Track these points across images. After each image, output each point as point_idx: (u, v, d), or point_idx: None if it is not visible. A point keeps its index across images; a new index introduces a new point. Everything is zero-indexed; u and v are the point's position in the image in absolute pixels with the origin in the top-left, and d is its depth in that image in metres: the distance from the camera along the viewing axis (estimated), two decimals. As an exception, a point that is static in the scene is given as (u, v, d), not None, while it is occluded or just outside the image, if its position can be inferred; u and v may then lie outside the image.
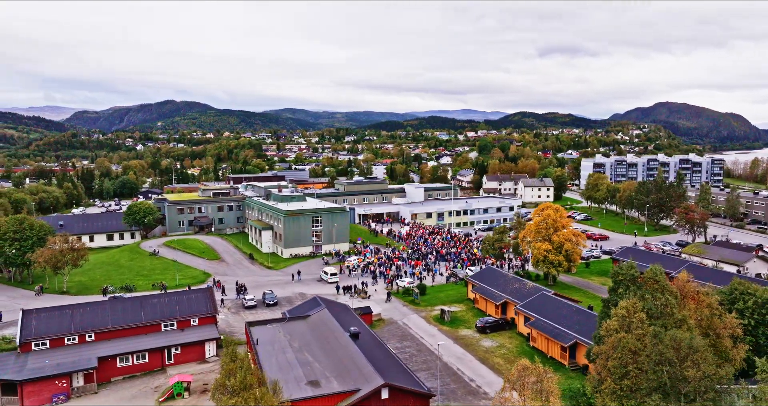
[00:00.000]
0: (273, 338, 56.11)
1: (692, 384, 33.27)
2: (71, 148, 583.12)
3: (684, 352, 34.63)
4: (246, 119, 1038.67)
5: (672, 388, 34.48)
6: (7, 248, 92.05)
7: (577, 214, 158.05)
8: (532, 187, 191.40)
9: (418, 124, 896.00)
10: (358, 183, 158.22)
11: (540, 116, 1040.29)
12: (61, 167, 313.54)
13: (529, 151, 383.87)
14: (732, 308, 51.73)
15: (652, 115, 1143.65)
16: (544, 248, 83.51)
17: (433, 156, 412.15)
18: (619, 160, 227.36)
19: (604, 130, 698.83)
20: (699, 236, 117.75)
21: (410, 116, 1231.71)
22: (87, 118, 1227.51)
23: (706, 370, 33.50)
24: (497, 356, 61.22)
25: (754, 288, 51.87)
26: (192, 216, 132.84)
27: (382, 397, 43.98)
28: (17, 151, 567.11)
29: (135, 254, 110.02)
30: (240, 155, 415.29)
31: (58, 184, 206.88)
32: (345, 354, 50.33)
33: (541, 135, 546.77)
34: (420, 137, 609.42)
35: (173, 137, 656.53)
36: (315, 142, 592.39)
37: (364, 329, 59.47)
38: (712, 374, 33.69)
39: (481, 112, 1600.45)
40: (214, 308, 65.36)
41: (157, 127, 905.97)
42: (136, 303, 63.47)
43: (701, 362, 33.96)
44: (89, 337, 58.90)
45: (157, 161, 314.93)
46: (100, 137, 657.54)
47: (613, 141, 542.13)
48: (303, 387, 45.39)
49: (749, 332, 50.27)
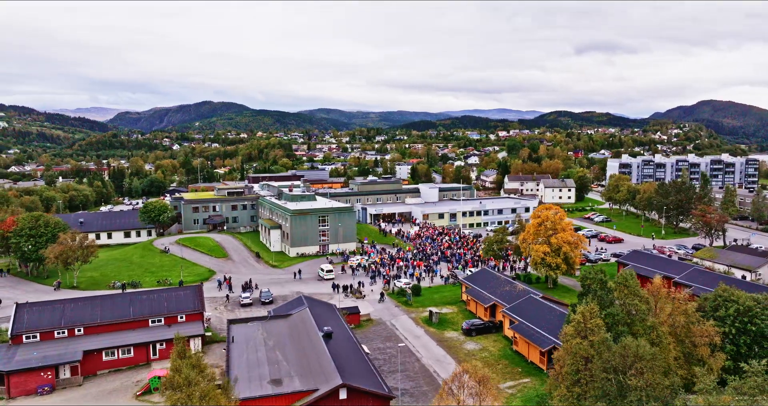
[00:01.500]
0: (249, 336, 56.92)
1: (634, 393, 32.18)
2: (111, 148, 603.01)
3: (630, 360, 33.54)
4: (281, 119, 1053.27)
5: (618, 396, 33.44)
6: (23, 244, 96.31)
7: (596, 215, 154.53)
8: (553, 188, 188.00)
9: (451, 124, 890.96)
10: (372, 183, 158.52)
11: (576, 115, 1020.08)
12: (97, 166, 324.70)
13: (558, 151, 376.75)
14: (714, 315, 49.84)
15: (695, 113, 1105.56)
16: (542, 251, 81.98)
17: (461, 156, 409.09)
18: (646, 160, 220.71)
19: (642, 129, 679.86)
20: (717, 240, 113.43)
21: (444, 116, 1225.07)
22: (129, 118, 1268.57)
23: (650, 379, 32.32)
24: (477, 359, 60.30)
25: (738, 295, 49.80)
26: (207, 214, 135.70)
27: (340, 397, 44.11)
28: (61, 151, 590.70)
29: (147, 251, 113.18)
30: (270, 155, 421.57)
31: (89, 183, 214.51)
32: (314, 354, 50.68)
33: (573, 134, 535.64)
34: (450, 137, 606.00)
35: (208, 137, 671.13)
36: (345, 142, 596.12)
37: (342, 329, 59.74)
38: (657, 383, 32.47)
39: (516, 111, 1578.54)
40: (201, 306, 66.69)
41: (194, 128, 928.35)
42: (125, 299, 65.41)
43: (646, 371, 32.79)
44: (78, 331, 60.96)
45: (188, 161, 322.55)
46: (138, 137, 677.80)
47: (649, 141, 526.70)
48: (264, 385, 45.98)
49: (730, 340, 48.30)
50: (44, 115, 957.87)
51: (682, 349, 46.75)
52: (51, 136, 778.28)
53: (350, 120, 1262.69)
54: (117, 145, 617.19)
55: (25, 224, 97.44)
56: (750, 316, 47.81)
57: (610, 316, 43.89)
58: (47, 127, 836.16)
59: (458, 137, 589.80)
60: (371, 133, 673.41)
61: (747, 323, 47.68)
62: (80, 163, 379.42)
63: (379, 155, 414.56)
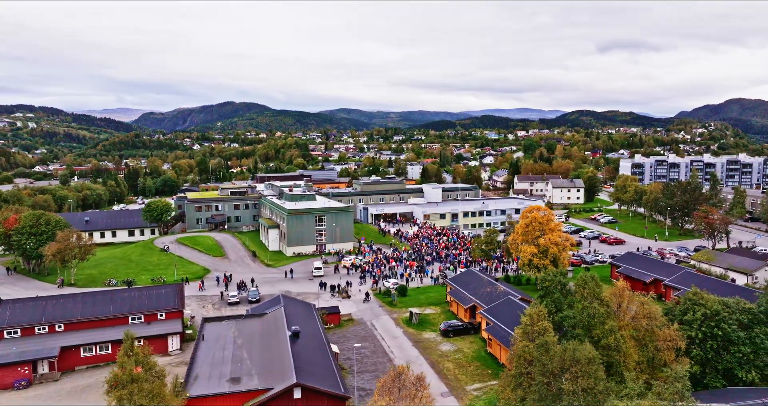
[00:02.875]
0: (220, 335, 57.51)
1: (566, 398, 31.64)
2: (134, 148, 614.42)
3: (567, 363, 32.98)
4: (301, 119, 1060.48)
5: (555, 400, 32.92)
6: (24, 242, 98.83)
7: (603, 216, 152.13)
8: (561, 188, 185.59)
9: (470, 124, 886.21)
10: (375, 183, 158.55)
11: (599, 115, 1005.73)
12: (115, 166, 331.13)
13: (575, 151, 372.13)
14: (682, 319, 48.75)
15: (723, 112, 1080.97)
16: (529, 252, 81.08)
17: (476, 156, 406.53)
18: (659, 160, 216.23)
19: (665, 129, 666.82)
20: (720, 242, 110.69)
21: (464, 116, 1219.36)
22: (153, 119, 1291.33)
23: (584, 383, 31.71)
24: (450, 360, 60.15)
25: (706, 299, 48.57)
26: (209, 214, 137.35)
27: (294, 396, 44.33)
28: (86, 151, 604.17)
29: (146, 250, 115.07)
30: (286, 155, 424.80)
31: (103, 183, 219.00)
32: (277, 353, 50.97)
33: (592, 134, 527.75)
34: (468, 137, 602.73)
35: (228, 137, 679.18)
36: (363, 142, 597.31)
37: (314, 328, 59.97)
38: (590, 388, 31.84)
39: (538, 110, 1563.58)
40: (181, 304, 67.62)
41: (216, 128, 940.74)
42: (106, 297, 66.63)
43: (581, 375, 32.19)
44: (58, 327, 62.32)
45: (204, 160, 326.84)
46: (160, 138, 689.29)
47: (671, 140, 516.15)
48: (222, 383, 46.41)
49: (697, 345, 47.17)
50: (71, 115, 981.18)
51: (645, 353, 45.84)
52: (77, 137, 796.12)
53: (370, 120, 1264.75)
54: (139, 145, 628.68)
55: (26, 222, 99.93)
56: (717, 320, 46.61)
57: (567, 319, 43.21)
58: (74, 127, 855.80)
59: (476, 137, 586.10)
60: (389, 133, 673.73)
61: (714, 327, 46.47)
62: (101, 163, 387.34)
63: (394, 155, 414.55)
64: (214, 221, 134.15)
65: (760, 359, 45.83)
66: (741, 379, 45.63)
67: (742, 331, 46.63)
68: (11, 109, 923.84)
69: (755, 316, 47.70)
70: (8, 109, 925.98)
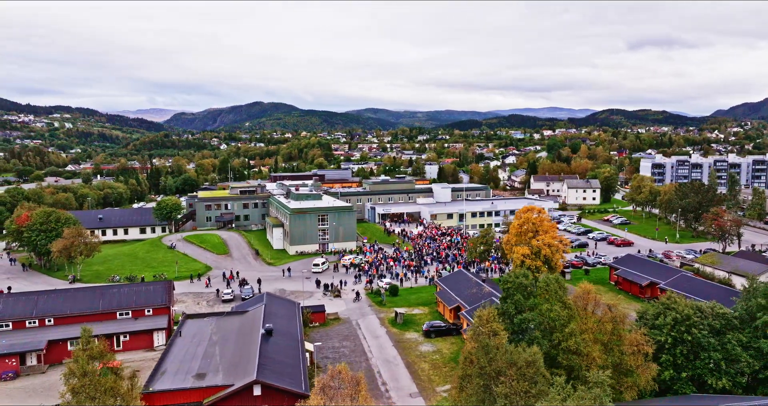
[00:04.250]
0: (198, 331, 58.55)
1: (500, 400, 31.22)
2: (163, 148, 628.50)
3: (503, 366, 32.55)
4: (328, 119, 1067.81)
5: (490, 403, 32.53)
6: (34, 238, 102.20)
7: (616, 217, 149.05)
8: (576, 189, 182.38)
9: (497, 123, 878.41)
10: (384, 183, 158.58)
11: (630, 113, 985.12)
12: (141, 165, 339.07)
13: (600, 151, 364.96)
14: (654, 324, 47.56)
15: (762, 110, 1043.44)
16: (522, 253, 79.89)
17: (499, 156, 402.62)
18: (681, 160, 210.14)
19: (698, 128, 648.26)
20: (731, 245, 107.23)
21: (492, 115, 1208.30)
22: (184, 119, 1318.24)
23: (517, 387, 31.23)
24: (427, 361, 59.91)
25: (678, 303, 47.22)
26: (219, 212, 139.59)
27: (255, 393, 44.80)
28: (117, 151, 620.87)
29: (154, 247, 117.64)
30: (309, 155, 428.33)
31: (125, 181, 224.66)
32: (246, 350, 51.63)
33: (620, 133, 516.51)
34: (493, 136, 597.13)
35: (254, 137, 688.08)
36: (387, 142, 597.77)
37: (292, 327, 60.45)
38: (524, 391, 31.34)
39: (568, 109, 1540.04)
40: (169, 300, 69.00)
41: (244, 128, 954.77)
42: (96, 292, 68.49)
43: (517, 378, 31.72)
44: (48, 321, 64.36)
45: (227, 160, 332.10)
46: (189, 137, 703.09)
47: (703, 140, 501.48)
48: (187, 379, 47.29)
49: (667, 350, 45.93)
50: (106, 116, 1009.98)
51: (611, 358, 44.85)
52: (110, 137, 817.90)
53: (397, 120, 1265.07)
54: (168, 145, 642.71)
55: (37, 219, 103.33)
56: (687, 325, 45.27)
57: (526, 321, 42.64)
58: (107, 127, 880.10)
59: (501, 137, 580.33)
60: (413, 132, 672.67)
61: (684, 332, 45.16)
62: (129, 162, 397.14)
63: (415, 155, 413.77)
64: (222, 219, 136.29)
65: (731, 366, 44.37)
66: (712, 386, 44.28)
67: (713, 337, 45.21)
68: (50, 110, 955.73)
69: (729, 321, 46.18)
70: (47, 110, 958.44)
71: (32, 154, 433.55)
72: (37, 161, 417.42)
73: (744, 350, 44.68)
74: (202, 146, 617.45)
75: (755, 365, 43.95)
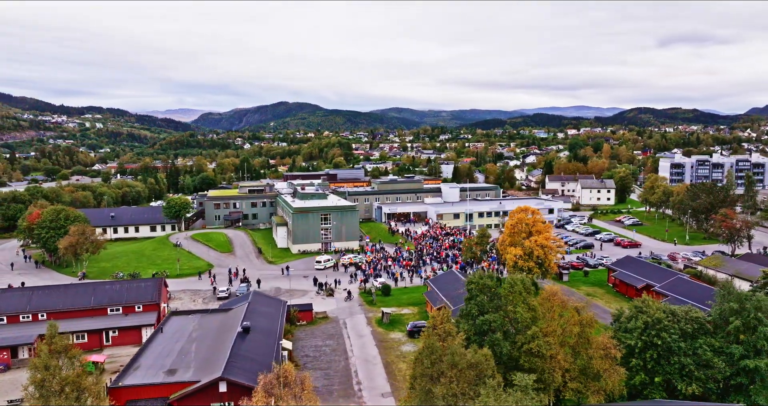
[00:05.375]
0: (180, 328, 59.53)
1: (437, 401, 31.02)
2: (189, 147, 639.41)
3: (444, 367, 32.33)
4: (352, 119, 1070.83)
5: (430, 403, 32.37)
6: (44, 235, 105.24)
7: (627, 218, 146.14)
8: (591, 189, 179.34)
9: (522, 122, 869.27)
10: (393, 182, 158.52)
11: (659, 112, 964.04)
12: (163, 164, 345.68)
13: (623, 151, 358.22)
14: (626, 327, 46.60)
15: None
16: (515, 254, 79.15)
17: (519, 155, 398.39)
18: (701, 160, 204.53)
19: (729, 126, 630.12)
20: (740, 247, 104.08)
21: (517, 114, 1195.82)
22: (211, 119, 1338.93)
23: (455, 389, 30.96)
24: (406, 361, 59.65)
25: (650, 306, 46.14)
26: (227, 211, 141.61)
27: (220, 390, 45.38)
28: (144, 150, 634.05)
29: (160, 245, 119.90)
30: (329, 154, 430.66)
31: (143, 180, 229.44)
32: (220, 347, 52.31)
33: (645, 132, 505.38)
34: (516, 136, 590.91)
35: (278, 137, 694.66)
36: (409, 141, 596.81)
37: (272, 325, 60.95)
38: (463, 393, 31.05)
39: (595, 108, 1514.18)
40: (158, 297, 70.35)
41: (269, 128, 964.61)
42: (89, 289, 70.27)
43: (455, 380, 31.46)
44: (42, 316, 66.26)
45: (247, 159, 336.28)
46: (214, 137, 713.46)
47: (733, 139, 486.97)
48: (158, 374, 48.17)
49: (637, 354, 44.94)
50: (135, 116, 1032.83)
51: (579, 361, 44.14)
52: (139, 136, 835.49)
53: (421, 119, 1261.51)
54: (194, 145, 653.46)
55: (47, 216, 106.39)
56: (658, 329, 44.20)
57: (486, 323, 42.26)
58: (136, 127, 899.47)
59: (523, 136, 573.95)
60: (435, 132, 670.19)
61: (654, 336, 44.10)
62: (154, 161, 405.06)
63: (435, 154, 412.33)
64: (229, 218, 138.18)
65: (702, 371, 43.18)
66: (682, 392, 43.18)
67: (684, 341, 44.06)
68: (82, 111, 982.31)
69: (702, 326, 44.94)
70: (79, 110, 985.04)
71: (62, 154, 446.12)
72: (67, 161, 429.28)
73: (716, 355, 43.42)
74: (226, 146, 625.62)
75: (726, 371, 42.67)
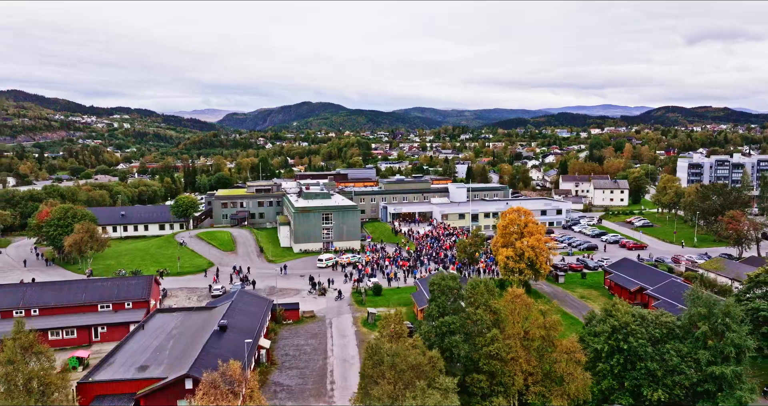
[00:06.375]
0: (161, 325, 60.48)
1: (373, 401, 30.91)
2: (212, 147, 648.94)
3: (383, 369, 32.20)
4: (374, 118, 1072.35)
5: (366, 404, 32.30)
6: (52, 233, 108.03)
7: (638, 220, 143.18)
8: (604, 190, 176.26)
9: (545, 122, 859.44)
10: (400, 182, 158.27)
11: (688, 111, 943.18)
12: (183, 164, 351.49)
13: (645, 150, 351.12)
14: (594, 331, 45.77)
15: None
16: (505, 255, 78.34)
17: (539, 155, 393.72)
18: (720, 160, 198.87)
19: (761, 125, 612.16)
20: (748, 250, 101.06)
21: (541, 113, 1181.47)
22: (236, 119, 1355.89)
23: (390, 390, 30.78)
24: (383, 361, 59.65)
25: (618, 309, 45.17)
26: (234, 210, 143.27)
27: (186, 386, 45.94)
28: (169, 150, 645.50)
29: (166, 243, 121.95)
30: (347, 154, 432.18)
31: (160, 179, 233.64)
32: (195, 344, 52.99)
33: (670, 132, 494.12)
34: (537, 135, 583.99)
35: (299, 136, 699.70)
36: (429, 141, 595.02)
37: (251, 324, 61.36)
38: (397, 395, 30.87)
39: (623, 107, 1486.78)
40: (148, 295, 71.59)
41: (292, 127, 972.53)
42: (81, 285, 71.87)
43: (394, 381, 31.28)
44: (34, 312, 68.08)
45: (265, 159, 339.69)
46: (237, 137, 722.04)
47: (764, 138, 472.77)
48: (130, 370, 49.07)
49: (605, 358, 44.09)
50: (162, 116, 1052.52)
51: (543, 365, 43.52)
52: (165, 136, 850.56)
53: (444, 118, 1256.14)
54: (217, 144, 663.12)
55: (55, 215, 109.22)
56: (624, 333, 43.27)
57: (446, 324, 41.93)
58: (162, 127, 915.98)
59: (545, 135, 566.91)
60: (456, 131, 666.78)
61: (621, 340, 43.20)
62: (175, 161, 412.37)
63: (453, 154, 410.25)
64: (235, 217, 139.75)
65: (669, 377, 42.13)
66: (647, 398, 42.21)
67: (652, 346, 43.04)
68: (111, 112, 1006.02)
69: (671, 330, 43.83)
70: (108, 111, 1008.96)
71: (88, 153, 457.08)
72: (93, 160, 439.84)
73: (683, 361, 42.31)
74: (248, 146, 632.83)
75: (693, 378, 41.54)
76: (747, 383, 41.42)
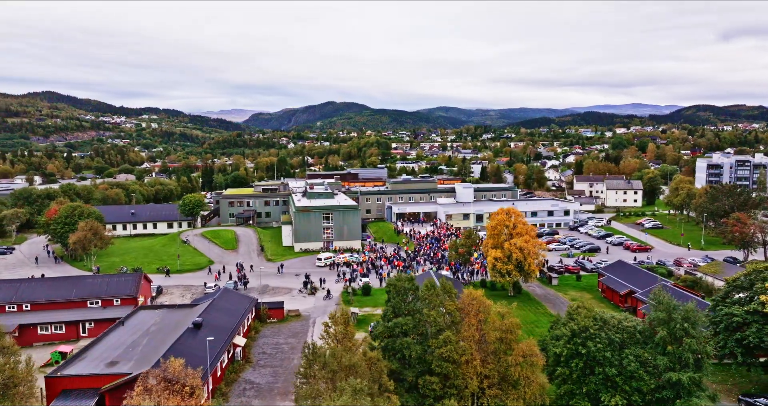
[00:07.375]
0: (141, 322, 61.58)
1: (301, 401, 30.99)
2: (236, 147, 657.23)
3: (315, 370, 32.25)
4: (398, 118, 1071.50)
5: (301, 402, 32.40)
6: (59, 230, 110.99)
7: (648, 221, 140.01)
8: (617, 190, 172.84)
9: (570, 121, 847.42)
10: (406, 182, 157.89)
11: (720, 109, 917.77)
12: (203, 163, 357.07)
13: (670, 150, 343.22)
14: (555, 334, 45.01)
15: None
16: (494, 256, 77.61)
17: (560, 155, 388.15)
18: (741, 160, 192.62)
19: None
20: (754, 253, 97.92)
21: (567, 112, 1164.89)
22: (261, 119, 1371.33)
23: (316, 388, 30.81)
24: (358, 361, 59.65)
25: (580, 312, 44.30)
26: (241, 209, 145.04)
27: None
28: (193, 149, 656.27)
29: (170, 242, 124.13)
30: (367, 153, 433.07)
31: (176, 178, 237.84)
32: (167, 341, 53.83)
33: (696, 131, 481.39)
34: (561, 135, 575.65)
35: (321, 136, 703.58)
36: (451, 140, 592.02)
37: (229, 322, 62.04)
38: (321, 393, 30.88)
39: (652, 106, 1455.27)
40: (136, 291, 73.05)
41: (316, 127, 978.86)
42: (71, 282, 73.74)
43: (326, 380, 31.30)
44: (26, 307, 70.12)
45: (283, 159, 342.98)
46: (260, 137, 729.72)
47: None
48: (99, 365, 50.13)
49: (564, 362, 43.33)
50: (189, 116, 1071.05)
51: (498, 368, 42.98)
52: (191, 136, 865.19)
53: (469, 118, 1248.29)
54: (240, 144, 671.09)
55: (63, 213, 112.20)
56: (584, 337, 42.42)
57: (399, 326, 41.74)
58: (189, 127, 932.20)
59: (569, 135, 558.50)
60: (478, 130, 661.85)
61: (579, 344, 42.36)
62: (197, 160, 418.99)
63: (472, 154, 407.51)
64: (241, 216, 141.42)
65: (628, 383, 41.14)
66: (605, 403, 41.31)
67: (611, 351, 42.08)
68: (139, 112, 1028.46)
69: (631, 335, 42.79)
70: (137, 111, 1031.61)
71: (114, 153, 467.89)
72: (118, 159, 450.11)
73: (642, 366, 41.27)
74: (270, 145, 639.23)
75: (651, 384, 40.50)
76: (707, 389, 40.20)
